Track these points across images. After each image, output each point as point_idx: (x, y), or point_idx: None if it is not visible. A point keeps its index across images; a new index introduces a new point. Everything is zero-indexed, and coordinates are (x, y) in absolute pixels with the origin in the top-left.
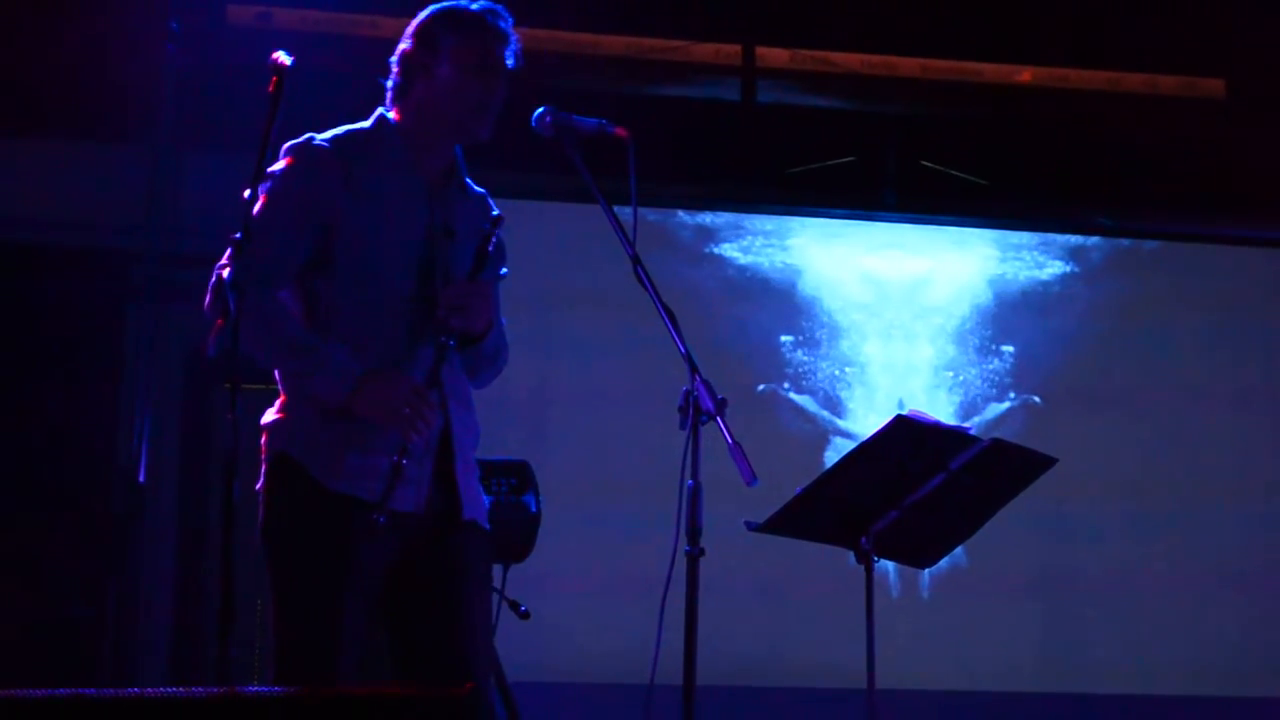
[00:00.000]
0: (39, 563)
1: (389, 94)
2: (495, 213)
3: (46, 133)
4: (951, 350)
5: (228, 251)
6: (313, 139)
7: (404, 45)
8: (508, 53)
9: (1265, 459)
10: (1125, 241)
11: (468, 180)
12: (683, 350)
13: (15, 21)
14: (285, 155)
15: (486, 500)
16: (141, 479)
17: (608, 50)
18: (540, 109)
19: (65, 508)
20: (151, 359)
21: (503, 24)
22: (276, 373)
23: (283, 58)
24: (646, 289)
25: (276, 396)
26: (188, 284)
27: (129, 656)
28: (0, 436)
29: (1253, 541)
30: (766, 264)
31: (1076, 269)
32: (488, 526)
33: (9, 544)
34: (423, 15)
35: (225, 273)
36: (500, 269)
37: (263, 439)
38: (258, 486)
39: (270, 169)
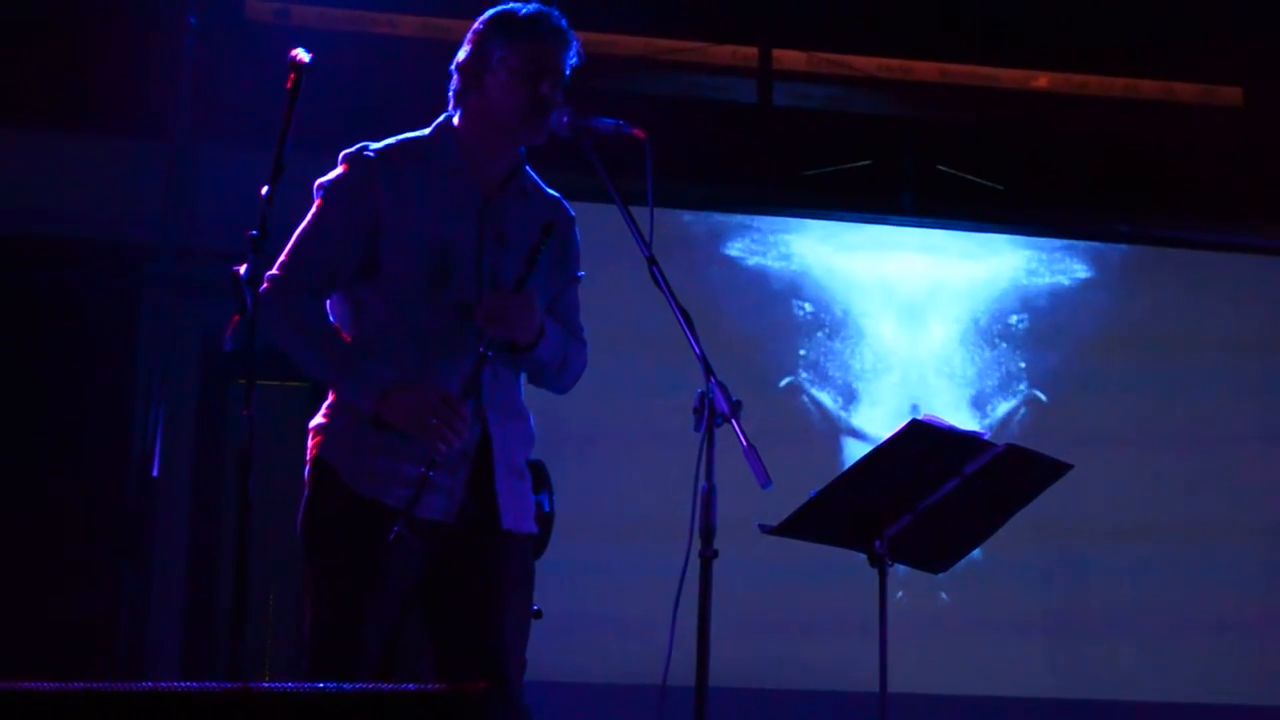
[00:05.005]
0: (52, 557)
1: (450, 100)
2: (571, 214)
3: (64, 127)
4: (966, 354)
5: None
6: (365, 148)
7: (460, 53)
8: (563, 54)
9: None
10: (1142, 248)
11: (536, 181)
12: (698, 352)
13: (34, 17)
14: (340, 163)
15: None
16: (155, 474)
17: (626, 51)
18: (558, 109)
19: (79, 502)
20: (166, 353)
21: (555, 25)
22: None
23: (301, 55)
24: (662, 290)
25: (292, 393)
26: (204, 279)
27: (142, 651)
28: (14, 430)
29: (1271, 545)
30: (781, 267)
31: (1092, 275)
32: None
33: (23, 538)
34: (477, 22)
35: (241, 269)
36: (575, 272)
37: (308, 440)
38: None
39: (324, 178)
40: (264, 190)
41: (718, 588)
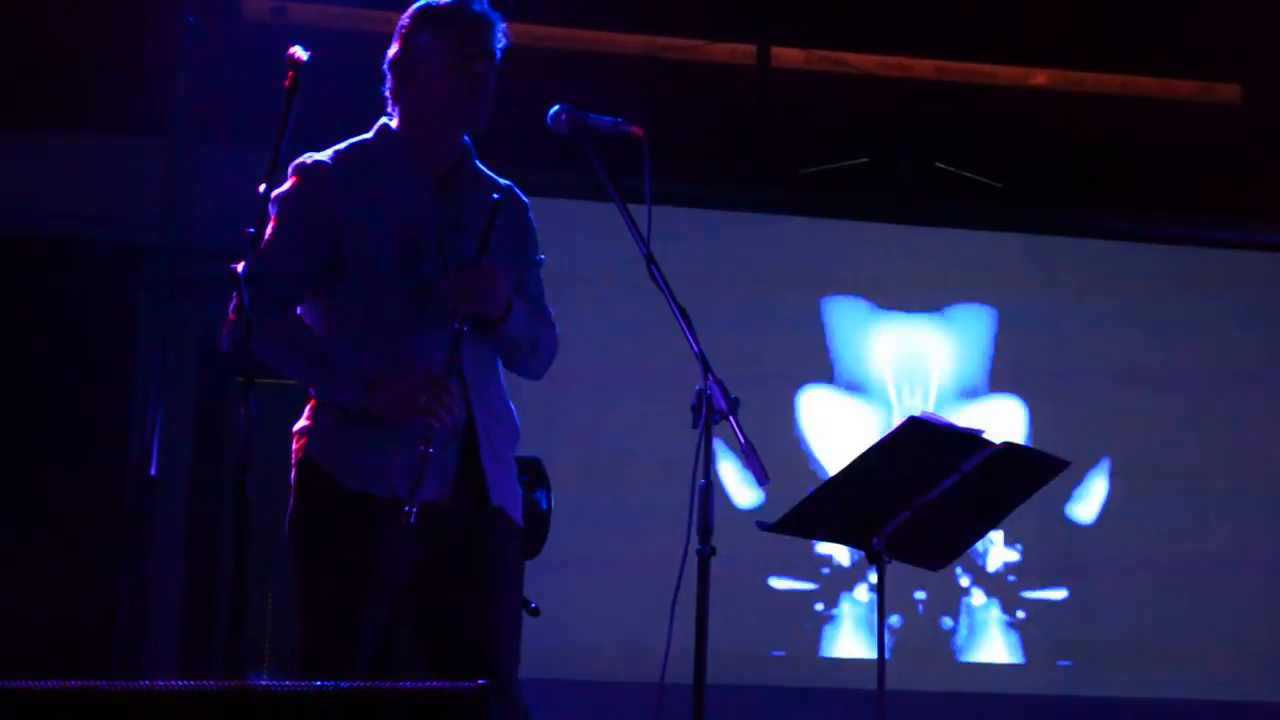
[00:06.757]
0: (51, 555)
1: (387, 100)
2: (525, 200)
3: (61, 126)
4: (964, 351)
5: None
6: (312, 155)
7: (391, 50)
8: (491, 36)
9: None
10: (1140, 245)
11: (486, 172)
12: (696, 349)
13: (31, 15)
14: (290, 175)
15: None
16: (154, 472)
17: (624, 49)
18: (556, 107)
19: (77, 501)
20: (165, 352)
21: (478, 9)
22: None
23: (299, 52)
24: (660, 288)
25: (290, 391)
26: (202, 278)
27: (140, 649)
28: (13, 430)
29: (1273, 540)
30: (778, 264)
31: (1089, 272)
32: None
33: (22, 536)
34: (403, 17)
35: (239, 267)
36: (536, 255)
37: (293, 444)
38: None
39: (277, 190)
40: (261, 188)
41: (715, 585)
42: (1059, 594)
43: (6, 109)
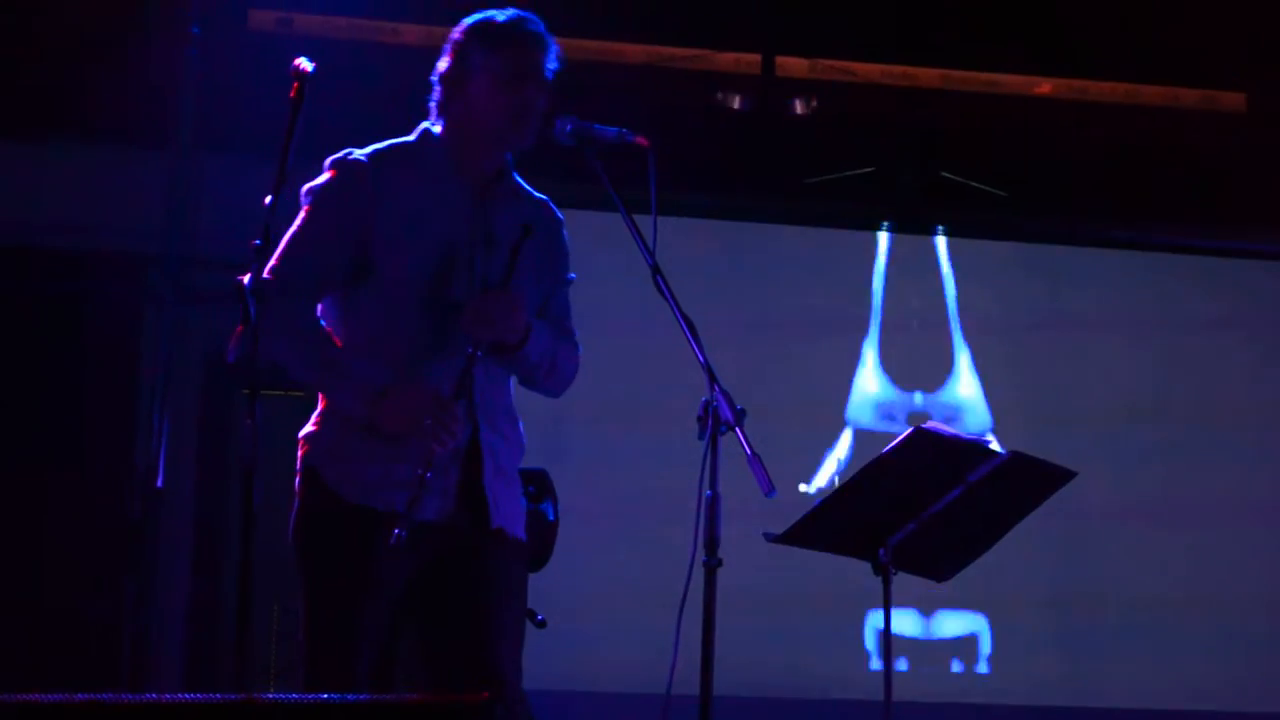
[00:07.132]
0: (56, 567)
1: (432, 110)
2: (559, 216)
3: (67, 136)
4: (971, 360)
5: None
6: (352, 152)
7: (441, 63)
8: (544, 58)
9: None
10: (1145, 254)
11: (525, 187)
12: (702, 360)
13: (36, 25)
14: (326, 169)
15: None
16: (159, 484)
17: (628, 58)
18: (560, 117)
19: (82, 512)
20: (170, 363)
21: (534, 30)
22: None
23: (304, 64)
24: (666, 298)
25: (296, 403)
26: (206, 288)
27: (145, 661)
28: (18, 440)
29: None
30: (784, 274)
31: (1094, 280)
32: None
33: (26, 547)
34: (455, 31)
35: (245, 279)
36: (565, 274)
37: (298, 450)
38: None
39: (312, 183)
40: (267, 200)
41: (722, 596)
42: (1069, 605)
43: (11, 119)
